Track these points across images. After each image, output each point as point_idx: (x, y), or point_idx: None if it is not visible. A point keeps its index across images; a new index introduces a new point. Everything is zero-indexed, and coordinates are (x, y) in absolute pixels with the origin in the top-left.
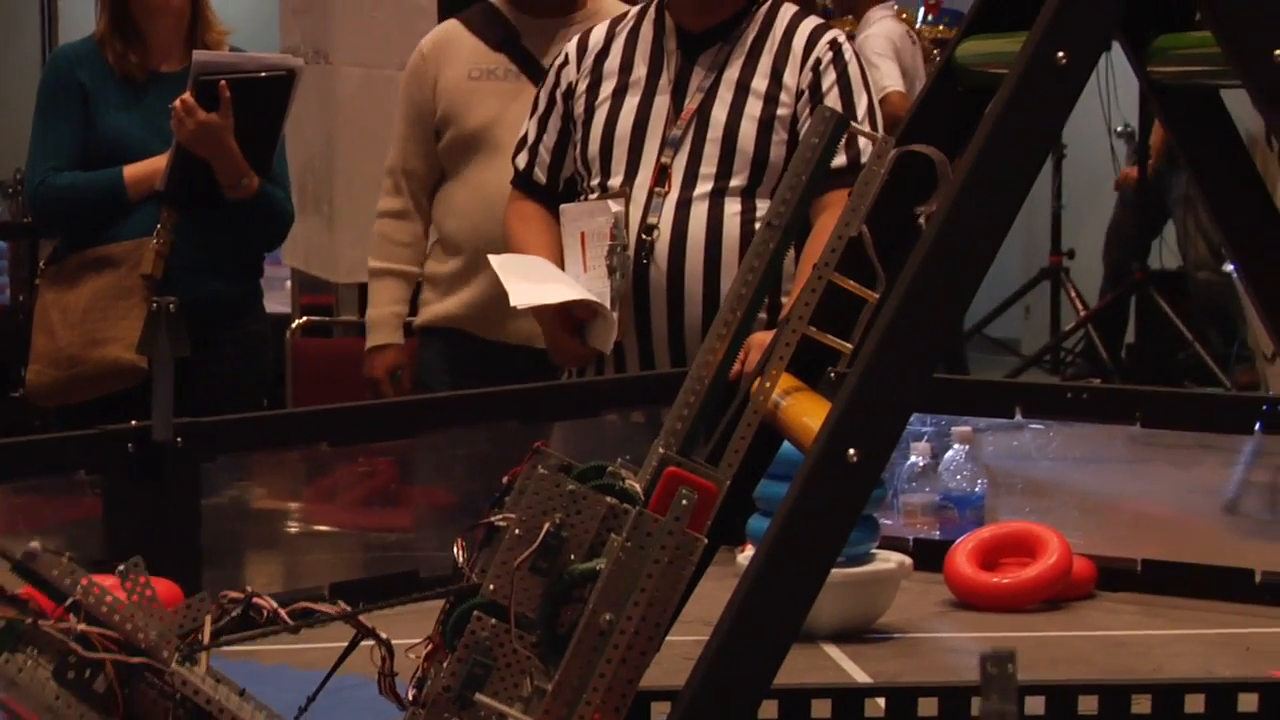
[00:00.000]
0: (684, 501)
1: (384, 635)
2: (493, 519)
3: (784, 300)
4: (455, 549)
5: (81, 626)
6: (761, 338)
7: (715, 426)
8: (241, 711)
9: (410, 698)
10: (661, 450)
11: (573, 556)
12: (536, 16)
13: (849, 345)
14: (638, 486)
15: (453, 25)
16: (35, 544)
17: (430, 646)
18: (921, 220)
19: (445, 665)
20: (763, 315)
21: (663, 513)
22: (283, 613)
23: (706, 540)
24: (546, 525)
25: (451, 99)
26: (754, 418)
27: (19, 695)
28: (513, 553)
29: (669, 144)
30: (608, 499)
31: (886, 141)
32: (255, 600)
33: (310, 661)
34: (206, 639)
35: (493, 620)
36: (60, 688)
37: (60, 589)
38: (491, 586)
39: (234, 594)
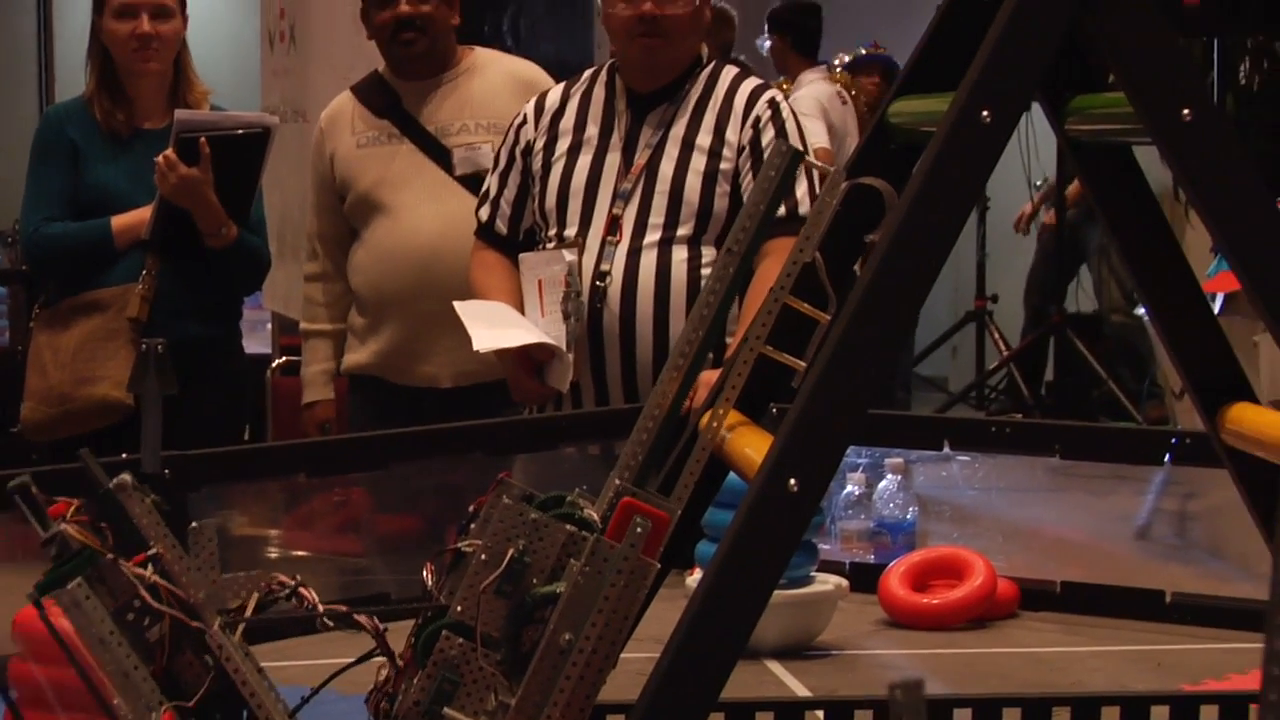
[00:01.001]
0: (639, 529)
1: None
2: (460, 545)
3: (728, 341)
4: (425, 573)
5: (154, 578)
6: (709, 376)
7: (667, 457)
8: (259, 685)
9: (381, 711)
10: (618, 481)
11: (535, 580)
12: (412, 80)
13: (802, 363)
14: (595, 515)
15: (345, 97)
16: (127, 476)
17: (401, 664)
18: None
19: (415, 681)
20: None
21: (619, 540)
22: (321, 608)
23: (659, 565)
24: (511, 551)
25: (344, 168)
26: (703, 452)
27: (78, 619)
28: (479, 576)
29: (620, 197)
30: (567, 527)
31: (839, 174)
32: (300, 591)
33: (292, 678)
34: (249, 612)
35: (460, 639)
36: (116, 625)
37: (141, 532)
38: (459, 608)
39: (285, 578)
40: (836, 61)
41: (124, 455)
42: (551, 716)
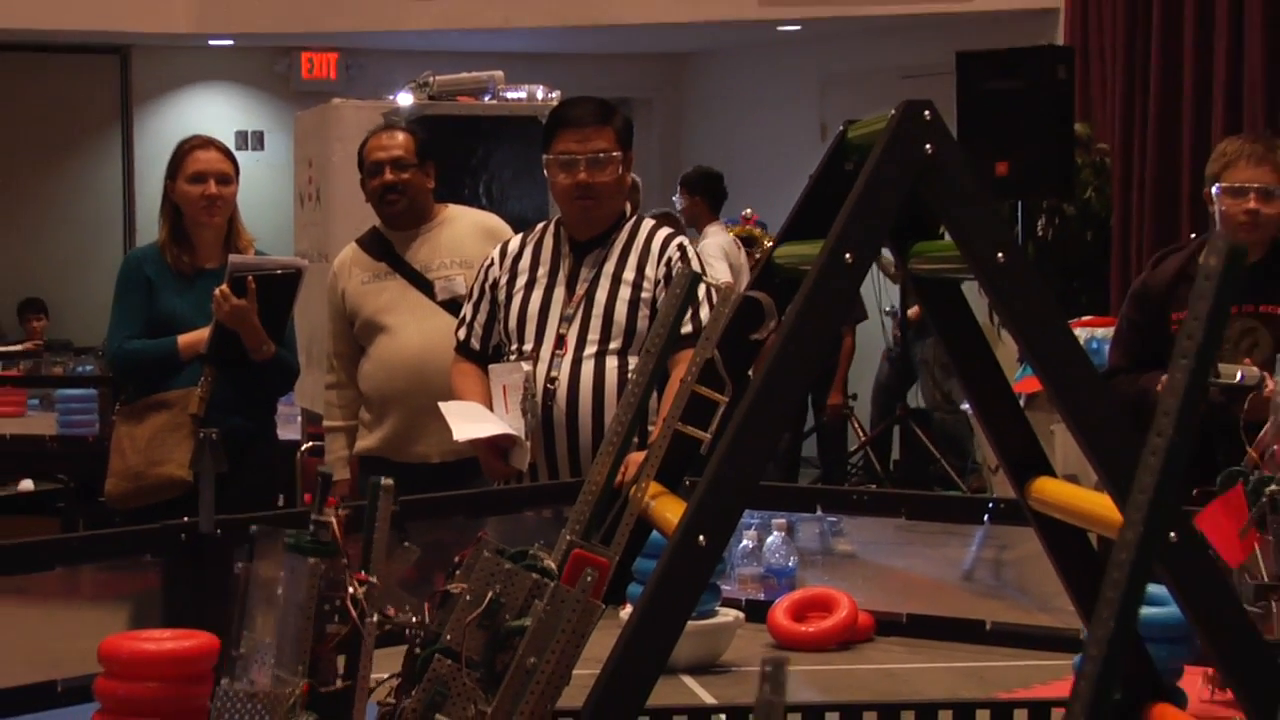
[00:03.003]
0: (589, 578)
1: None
2: (449, 587)
3: (650, 429)
4: (424, 609)
5: (361, 595)
6: (636, 456)
7: (605, 519)
8: (365, 686)
9: (385, 716)
10: (569, 537)
11: (507, 616)
12: (399, 231)
13: (707, 435)
14: (553, 564)
15: (350, 248)
16: (390, 480)
17: (398, 680)
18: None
19: (413, 693)
20: (635, 439)
21: (572, 584)
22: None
23: (605, 606)
24: (490, 594)
25: (353, 300)
26: (632, 515)
27: (288, 575)
28: (464, 613)
29: (565, 320)
30: (533, 575)
31: (731, 288)
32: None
33: None
34: (392, 621)
35: (449, 661)
36: (316, 603)
37: (375, 527)
38: (448, 636)
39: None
40: (745, 214)
41: (185, 519)
42: None
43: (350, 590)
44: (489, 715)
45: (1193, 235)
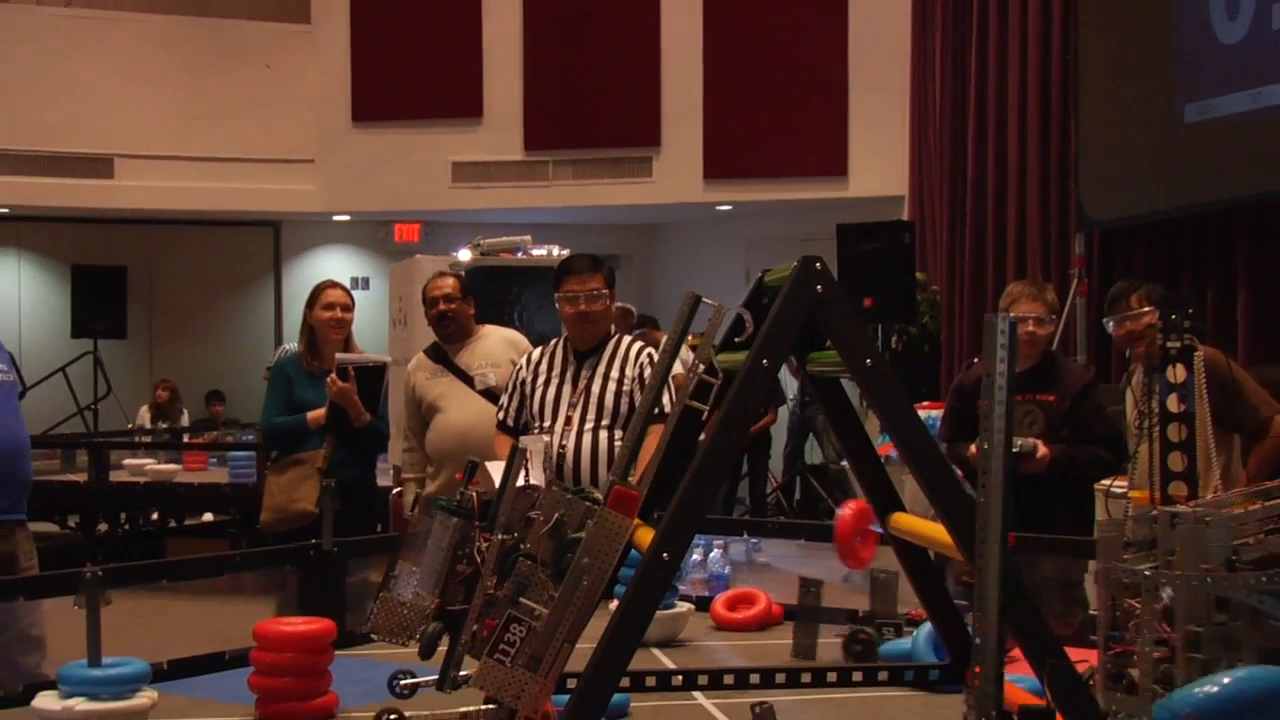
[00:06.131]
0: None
1: None
2: (529, 514)
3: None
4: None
5: (484, 548)
6: None
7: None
8: (480, 604)
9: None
10: (611, 478)
11: (568, 530)
12: (451, 344)
13: (705, 406)
14: (599, 496)
15: (419, 356)
16: (521, 445)
17: (495, 575)
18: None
19: (504, 586)
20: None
21: (613, 509)
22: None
23: (635, 522)
24: (557, 515)
25: (420, 390)
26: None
27: (437, 527)
28: (539, 529)
29: (571, 405)
30: (586, 503)
31: (722, 308)
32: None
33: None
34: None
35: (529, 561)
36: (453, 549)
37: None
38: (528, 545)
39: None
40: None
41: (313, 540)
42: (576, 604)
43: (477, 544)
44: (557, 600)
45: None
